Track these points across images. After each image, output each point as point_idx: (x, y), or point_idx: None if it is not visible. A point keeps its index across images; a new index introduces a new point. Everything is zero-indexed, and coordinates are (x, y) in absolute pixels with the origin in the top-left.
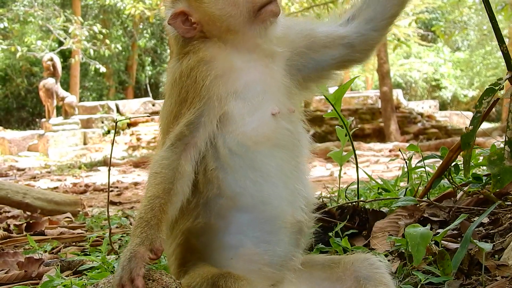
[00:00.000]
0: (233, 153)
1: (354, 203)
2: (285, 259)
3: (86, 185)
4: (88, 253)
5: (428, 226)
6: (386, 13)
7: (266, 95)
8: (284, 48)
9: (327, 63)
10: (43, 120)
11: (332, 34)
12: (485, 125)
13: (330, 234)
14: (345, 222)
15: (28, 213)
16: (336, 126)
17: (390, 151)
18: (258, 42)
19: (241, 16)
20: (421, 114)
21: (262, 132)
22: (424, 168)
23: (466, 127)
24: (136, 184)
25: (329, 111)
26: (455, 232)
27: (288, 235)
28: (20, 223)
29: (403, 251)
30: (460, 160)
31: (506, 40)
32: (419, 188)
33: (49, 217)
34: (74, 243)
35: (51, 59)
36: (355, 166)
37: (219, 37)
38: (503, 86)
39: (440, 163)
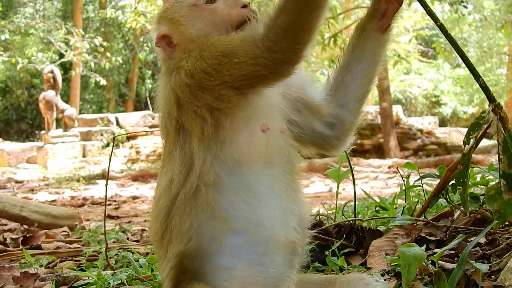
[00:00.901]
0: (228, 170)
1: (351, 221)
2: (279, 280)
3: (84, 198)
4: (84, 268)
5: (424, 247)
6: (357, 95)
7: (256, 111)
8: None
9: (308, 132)
10: (43, 132)
11: (318, 105)
12: (484, 142)
13: (327, 252)
14: (342, 240)
15: (25, 226)
16: None
17: (389, 167)
18: None
19: (218, 34)
20: (421, 131)
21: (254, 148)
22: (422, 186)
23: (458, 164)
24: (134, 198)
25: None
26: (452, 252)
27: (282, 256)
28: (17, 236)
29: (400, 270)
30: None
31: (506, 58)
32: (417, 206)
33: (46, 230)
34: (70, 258)
35: (52, 71)
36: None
37: None
38: (488, 119)
39: (438, 181)
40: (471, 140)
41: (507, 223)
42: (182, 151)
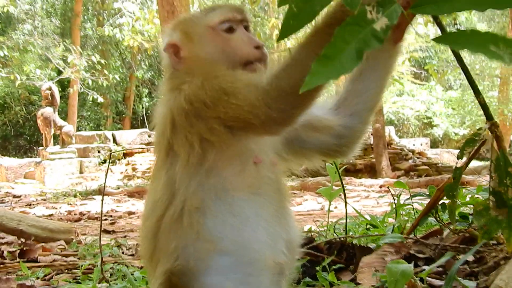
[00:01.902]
0: (213, 197)
1: (342, 238)
2: None
3: (81, 213)
4: (79, 281)
5: (413, 264)
6: (369, 104)
7: (249, 144)
8: None
9: (314, 145)
10: (40, 148)
11: (323, 120)
12: (474, 163)
13: (318, 268)
14: (333, 256)
15: (22, 240)
16: (327, 164)
17: (380, 186)
18: None
19: (225, 64)
20: (413, 151)
21: (243, 179)
22: (412, 205)
23: (449, 178)
24: (130, 213)
25: None
26: (440, 269)
27: (269, 276)
28: (14, 249)
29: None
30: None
31: (498, 80)
32: (407, 224)
33: (43, 244)
34: (66, 271)
35: (50, 88)
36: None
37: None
38: (483, 137)
39: (428, 201)
40: (465, 156)
41: (494, 242)
42: (168, 172)
